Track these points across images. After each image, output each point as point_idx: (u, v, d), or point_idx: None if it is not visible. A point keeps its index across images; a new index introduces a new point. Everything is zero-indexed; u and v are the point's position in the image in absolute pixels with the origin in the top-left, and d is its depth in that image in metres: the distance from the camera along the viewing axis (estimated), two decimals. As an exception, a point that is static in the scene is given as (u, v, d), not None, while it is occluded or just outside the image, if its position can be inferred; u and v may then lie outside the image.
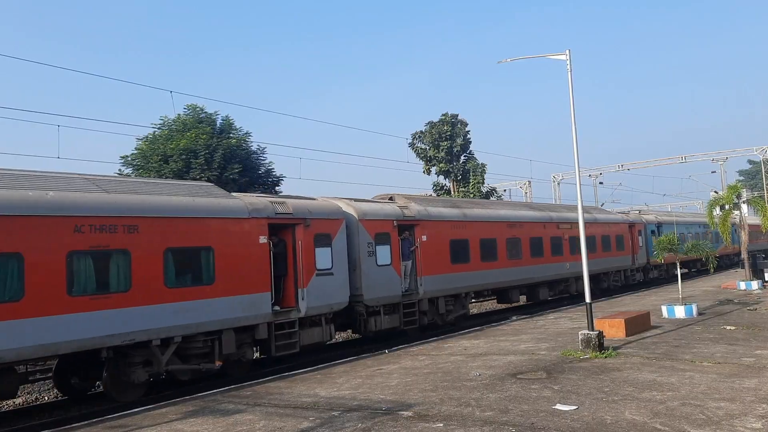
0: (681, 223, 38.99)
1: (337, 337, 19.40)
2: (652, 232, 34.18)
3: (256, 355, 15.08)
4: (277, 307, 14.03)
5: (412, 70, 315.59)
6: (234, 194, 14.23)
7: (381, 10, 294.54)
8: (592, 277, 28.11)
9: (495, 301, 25.55)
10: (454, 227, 19.66)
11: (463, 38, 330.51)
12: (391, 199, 19.42)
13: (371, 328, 16.50)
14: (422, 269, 18.07)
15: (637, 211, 38.39)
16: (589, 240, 27.14)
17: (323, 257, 15.04)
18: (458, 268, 19.52)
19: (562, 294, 26.53)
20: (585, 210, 29.91)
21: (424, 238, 18.25)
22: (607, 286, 29.65)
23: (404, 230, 17.84)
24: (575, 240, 25.51)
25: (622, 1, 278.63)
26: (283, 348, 14.20)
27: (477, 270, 20.35)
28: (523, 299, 25.05)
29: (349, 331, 19.09)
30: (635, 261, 32.53)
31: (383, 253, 16.86)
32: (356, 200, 17.53)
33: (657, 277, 35.18)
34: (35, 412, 12.51)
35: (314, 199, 16.34)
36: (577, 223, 24.64)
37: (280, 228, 14.45)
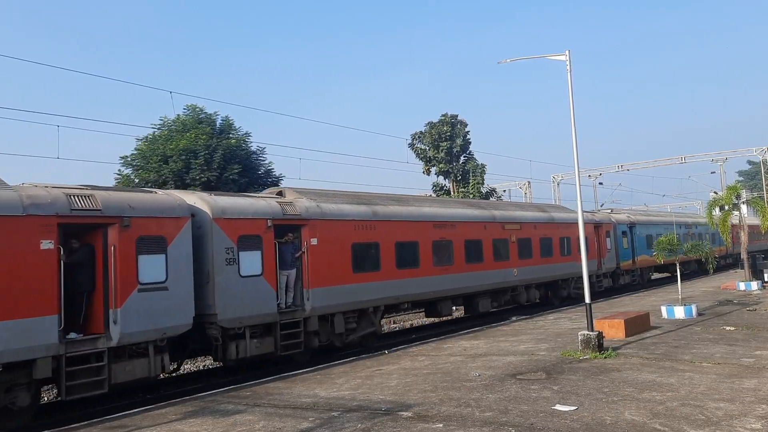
0: (659, 223, 35.86)
1: (184, 367, 16.45)
2: (624, 233, 31.50)
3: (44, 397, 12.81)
4: (73, 334, 10.74)
5: (412, 70, 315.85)
6: (10, 184, 10.71)
7: (381, 10, 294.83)
8: (548, 285, 25.25)
9: (423, 314, 23.17)
10: (359, 228, 16.37)
11: (463, 38, 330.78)
12: (279, 193, 16.22)
13: (231, 356, 13.13)
14: (310, 280, 14.74)
15: (608, 210, 35.92)
16: (544, 243, 24.22)
17: (152, 267, 11.67)
18: (363, 277, 16.23)
19: (507, 305, 23.45)
20: (540, 208, 27.81)
21: (314, 241, 14.97)
22: (567, 294, 26.29)
23: (287, 232, 14.66)
24: (526, 242, 23.01)
25: (622, 2, 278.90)
26: (83, 388, 10.69)
27: (390, 279, 17.05)
28: (461, 312, 22.88)
29: (203, 358, 16.97)
30: (602, 266, 28.59)
31: (250, 261, 13.47)
32: (215, 194, 14.34)
33: (629, 282, 32.17)
34: (34, 414, 12.48)
35: (149, 191, 13.34)
36: (527, 222, 24.01)
37: (85, 229, 11.32)
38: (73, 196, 10.93)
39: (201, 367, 17.54)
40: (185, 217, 12.34)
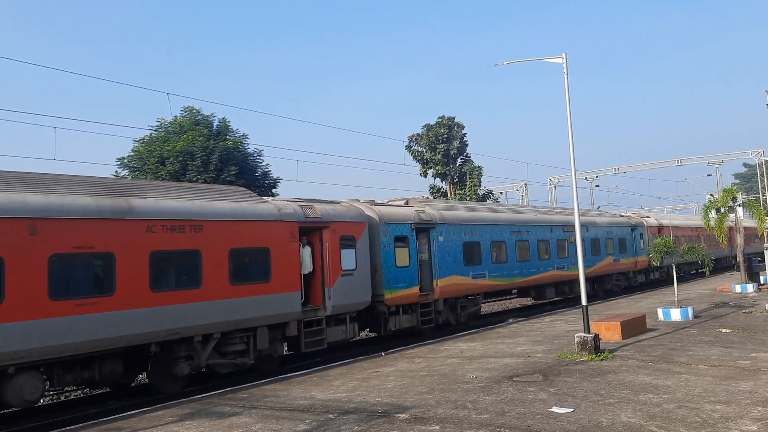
0: (483, 222, 21.78)
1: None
2: (401, 238, 23.67)
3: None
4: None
5: (410, 72, 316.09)
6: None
7: (379, 12, 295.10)
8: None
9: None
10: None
11: (461, 41, 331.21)
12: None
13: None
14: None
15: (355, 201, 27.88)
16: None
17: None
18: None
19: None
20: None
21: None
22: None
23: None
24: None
25: (619, 5, 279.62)
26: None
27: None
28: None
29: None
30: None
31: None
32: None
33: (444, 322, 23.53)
34: (31, 415, 12.45)
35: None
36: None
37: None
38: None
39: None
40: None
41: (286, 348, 15.86)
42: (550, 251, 24.65)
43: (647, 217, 36.56)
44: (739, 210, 31.49)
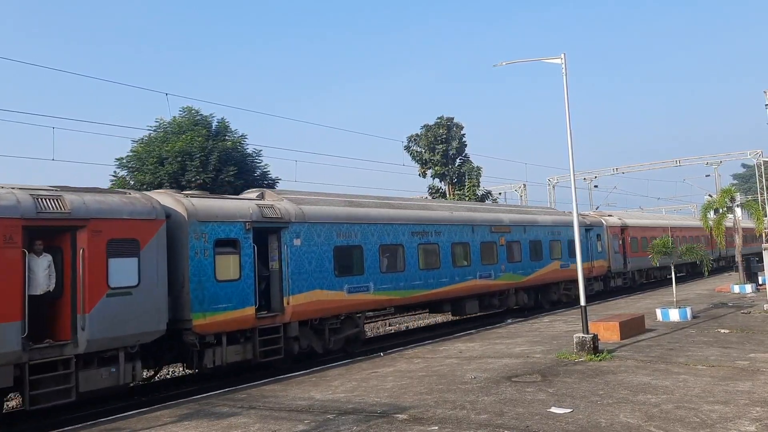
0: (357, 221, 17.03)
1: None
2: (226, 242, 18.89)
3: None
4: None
5: (409, 72, 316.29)
6: None
7: (379, 12, 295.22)
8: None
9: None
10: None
11: (460, 41, 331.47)
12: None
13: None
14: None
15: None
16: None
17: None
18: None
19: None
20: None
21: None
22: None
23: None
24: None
25: (619, 5, 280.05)
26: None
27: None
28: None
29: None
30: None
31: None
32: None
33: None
34: (30, 415, 12.44)
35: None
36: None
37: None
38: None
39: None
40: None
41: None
42: (470, 257, 20.28)
43: (608, 216, 32.20)
44: (738, 210, 31.54)
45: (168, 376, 15.36)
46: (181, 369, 16.08)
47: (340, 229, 15.84)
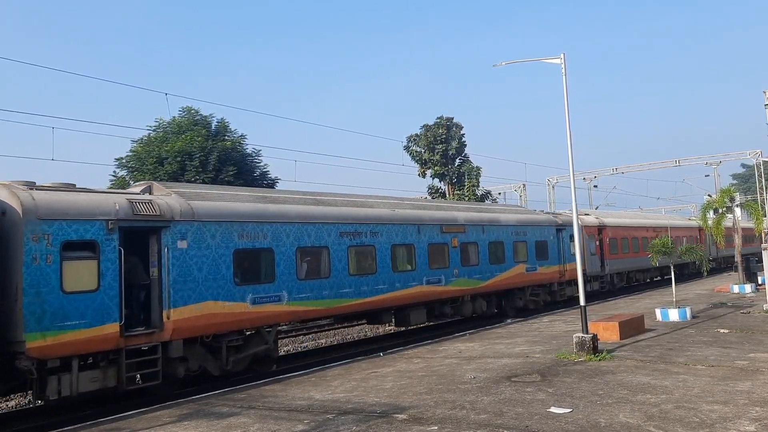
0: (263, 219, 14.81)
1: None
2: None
3: None
4: None
5: (409, 72, 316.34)
6: None
7: (379, 12, 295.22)
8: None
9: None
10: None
11: (460, 41, 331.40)
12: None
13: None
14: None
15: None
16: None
17: None
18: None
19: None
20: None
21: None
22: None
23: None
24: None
25: (618, 5, 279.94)
26: None
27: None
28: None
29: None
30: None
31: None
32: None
33: None
34: (30, 415, 12.44)
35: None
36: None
37: None
38: None
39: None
40: None
41: None
42: (415, 260, 18.02)
43: (585, 215, 29.57)
44: (737, 210, 31.54)
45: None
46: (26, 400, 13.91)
47: (244, 230, 13.56)
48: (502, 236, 22.24)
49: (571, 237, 23.81)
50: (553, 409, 8.64)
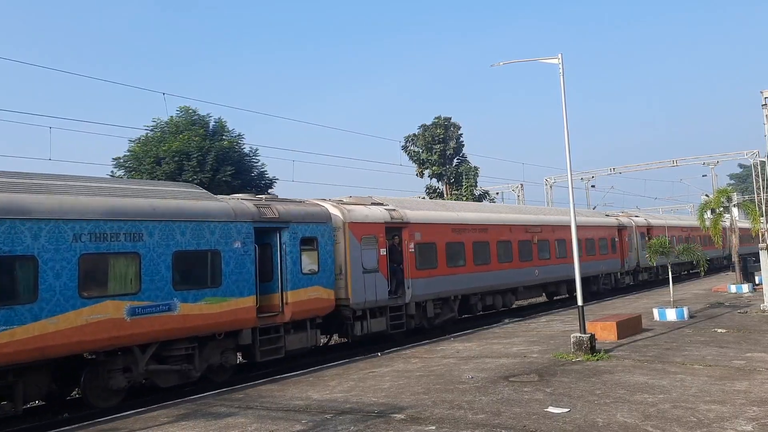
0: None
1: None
2: None
3: None
4: None
5: (408, 72, 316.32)
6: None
7: (378, 12, 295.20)
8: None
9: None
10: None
11: (459, 41, 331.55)
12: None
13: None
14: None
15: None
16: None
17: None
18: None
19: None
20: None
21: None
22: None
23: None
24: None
25: (614, 6, 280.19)
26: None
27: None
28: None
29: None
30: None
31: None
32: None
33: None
34: (29, 414, 12.40)
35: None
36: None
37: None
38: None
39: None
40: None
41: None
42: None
43: (351, 205, 17.10)
44: (735, 210, 31.57)
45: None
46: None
47: None
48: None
49: (313, 242, 15.01)
50: (551, 409, 8.65)
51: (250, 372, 14.78)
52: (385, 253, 17.01)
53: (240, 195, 15.35)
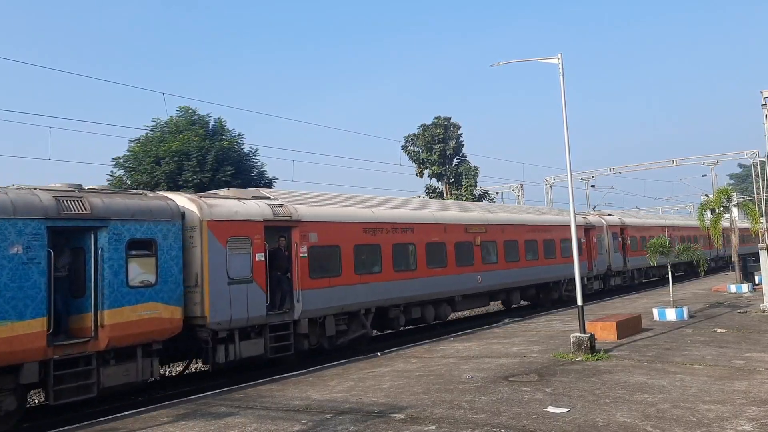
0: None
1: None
2: None
3: None
4: None
5: (407, 72, 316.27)
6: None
7: (377, 12, 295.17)
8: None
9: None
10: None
11: (458, 41, 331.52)
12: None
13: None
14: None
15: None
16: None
17: None
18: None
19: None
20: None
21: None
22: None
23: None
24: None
25: (613, 7, 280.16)
26: None
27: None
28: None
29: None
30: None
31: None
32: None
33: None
34: (28, 415, 12.40)
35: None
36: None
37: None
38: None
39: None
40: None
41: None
42: None
43: (208, 199, 13.89)
44: (734, 210, 31.56)
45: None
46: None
47: None
48: None
49: (135, 244, 11.84)
50: (551, 409, 8.65)
51: (250, 371, 14.77)
52: (263, 259, 13.69)
53: (42, 185, 11.47)
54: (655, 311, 18.61)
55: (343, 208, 16.74)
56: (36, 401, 13.53)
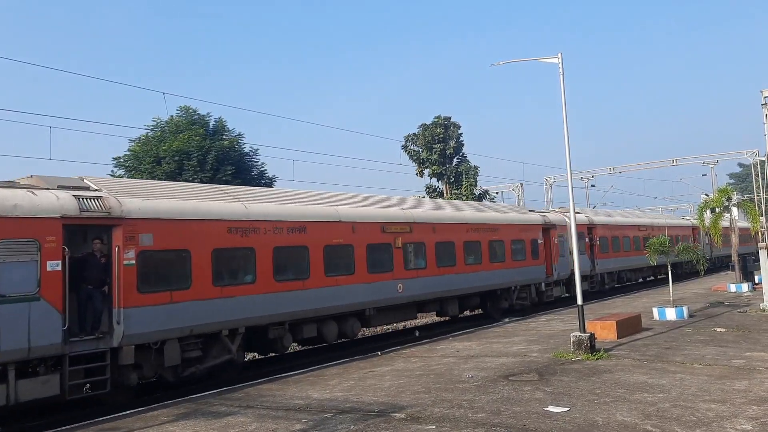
0: None
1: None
2: None
3: None
4: None
5: (407, 72, 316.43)
6: None
7: (377, 12, 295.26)
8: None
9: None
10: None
11: (458, 41, 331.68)
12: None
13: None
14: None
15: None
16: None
17: None
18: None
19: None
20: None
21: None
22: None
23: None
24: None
25: (613, 6, 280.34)
26: None
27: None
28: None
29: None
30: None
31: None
32: None
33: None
34: (27, 415, 12.41)
35: None
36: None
37: None
38: None
39: None
40: None
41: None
42: None
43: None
44: (734, 210, 31.57)
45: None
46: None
47: None
48: None
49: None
50: (551, 408, 8.66)
51: (249, 371, 14.78)
52: (58, 268, 10.42)
53: None
54: (655, 311, 18.62)
55: (198, 202, 13.09)
56: None
